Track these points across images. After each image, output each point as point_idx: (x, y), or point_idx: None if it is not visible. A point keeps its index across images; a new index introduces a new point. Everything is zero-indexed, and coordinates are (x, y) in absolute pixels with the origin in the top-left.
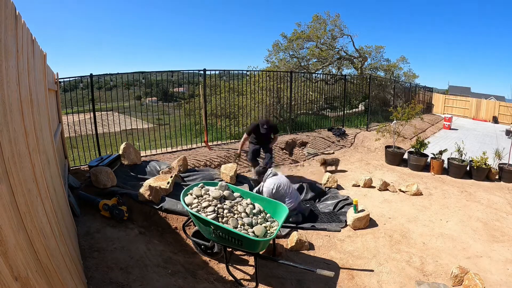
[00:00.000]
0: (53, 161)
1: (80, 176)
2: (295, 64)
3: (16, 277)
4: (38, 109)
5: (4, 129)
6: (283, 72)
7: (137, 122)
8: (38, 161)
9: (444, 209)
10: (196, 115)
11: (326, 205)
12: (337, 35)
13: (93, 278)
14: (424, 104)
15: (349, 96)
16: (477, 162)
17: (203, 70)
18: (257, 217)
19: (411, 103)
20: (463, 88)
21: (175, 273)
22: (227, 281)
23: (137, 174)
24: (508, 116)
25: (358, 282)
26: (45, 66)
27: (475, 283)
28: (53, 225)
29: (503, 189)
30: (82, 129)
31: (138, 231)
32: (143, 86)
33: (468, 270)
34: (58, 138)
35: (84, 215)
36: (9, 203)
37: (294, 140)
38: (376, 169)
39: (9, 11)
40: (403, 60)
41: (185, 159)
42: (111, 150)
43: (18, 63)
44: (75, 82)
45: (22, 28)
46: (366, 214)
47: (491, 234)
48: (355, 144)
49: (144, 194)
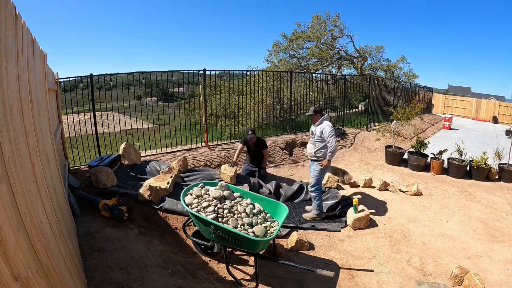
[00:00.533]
0: (53, 161)
1: (80, 176)
2: (295, 64)
3: (16, 277)
4: (38, 109)
5: (4, 129)
6: (283, 72)
7: (137, 122)
8: (38, 161)
9: (444, 209)
10: (196, 115)
11: (326, 205)
12: (337, 35)
13: (93, 278)
14: (424, 104)
15: (349, 96)
16: (477, 162)
17: (203, 70)
18: (257, 217)
19: (411, 103)
20: (463, 88)
21: (175, 273)
22: (227, 281)
23: (137, 174)
24: (508, 116)
25: (358, 282)
26: (45, 66)
27: (475, 283)
28: (53, 225)
29: (503, 189)
30: (82, 129)
31: (138, 231)
32: (143, 86)
33: (468, 270)
34: (58, 138)
35: (84, 215)
36: (9, 203)
37: (294, 140)
38: (376, 169)
39: (9, 11)
40: (403, 60)
41: (185, 159)
42: (111, 150)
43: (18, 63)
44: (75, 82)
45: (22, 28)
46: (366, 214)
47: (491, 234)
48: (355, 144)
49: (144, 194)
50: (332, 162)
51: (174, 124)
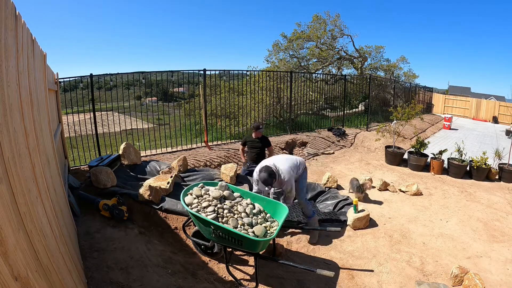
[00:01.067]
0: (53, 161)
1: (80, 176)
2: (295, 64)
3: (16, 277)
4: (38, 109)
5: (4, 129)
6: (283, 72)
7: (137, 122)
8: (38, 161)
9: (444, 209)
10: (196, 115)
11: (326, 205)
12: (337, 35)
13: (93, 278)
14: (424, 104)
15: (349, 96)
16: (477, 162)
17: (203, 70)
18: (257, 217)
19: (411, 103)
20: (463, 88)
21: (175, 273)
22: (227, 281)
23: (137, 174)
24: (508, 116)
25: (358, 282)
26: (45, 66)
27: (475, 283)
28: (53, 225)
29: (503, 189)
30: (82, 129)
31: (138, 231)
32: (143, 86)
33: (468, 270)
34: (58, 138)
35: (84, 215)
36: (9, 203)
37: (294, 140)
38: (376, 169)
39: (9, 11)
40: (403, 60)
41: (185, 159)
42: (111, 150)
43: (18, 63)
44: (75, 82)
45: (22, 28)
46: (366, 214)
47: (491, 234)
48: (355, 144)
49: (144, 194)
50: (333, 162)
51: (174, 124)
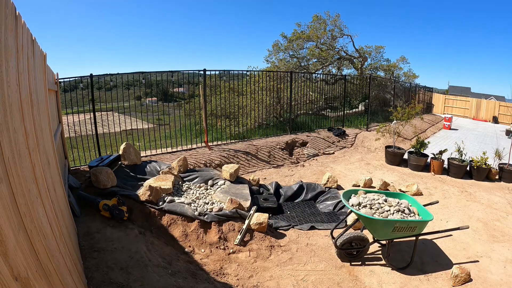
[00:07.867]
0: (53, 161)
1: (80, 176)
2: (295, 64)
3: (16, 277)
4: (38, 109)
5: (4, 129)
6: (283, 72)
7: (137, 122)
8: (38, 161)
9: (444, 209)
10: (196, 115)
11: (326, 205)
12: (337, 35)
13: (93, 278)
14: (424, 104)
15: (349, 96)
16: (477, 162)
17: (203, 70)
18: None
19: (411, 103)
20: (463, 88)
21: (175, 273)
22: (227, 281)
23: (137, 175)
24: (508, 116)
25: (358, 281)
26: (45, 66)
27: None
28: (53, 225)
29: (503, 189)
30: (82, 129)
31: (138, 231)
32: (143, 86)
33: (468, 270)
34: (58, 138)
35: (84, 215)
36: (9, 203)
37: (294, 140)
38: (376, 169)
39: (9, 11)
40: (403, 60)
41: (185, 159)
42: (111, 150)
43: (18, 63)
44: (75, 82)
45: (22, 28)
46: None
47: (491, 234)
48: (355, 144)
49: (144, 195)
50: (333, 163)
51: (174, 124)
